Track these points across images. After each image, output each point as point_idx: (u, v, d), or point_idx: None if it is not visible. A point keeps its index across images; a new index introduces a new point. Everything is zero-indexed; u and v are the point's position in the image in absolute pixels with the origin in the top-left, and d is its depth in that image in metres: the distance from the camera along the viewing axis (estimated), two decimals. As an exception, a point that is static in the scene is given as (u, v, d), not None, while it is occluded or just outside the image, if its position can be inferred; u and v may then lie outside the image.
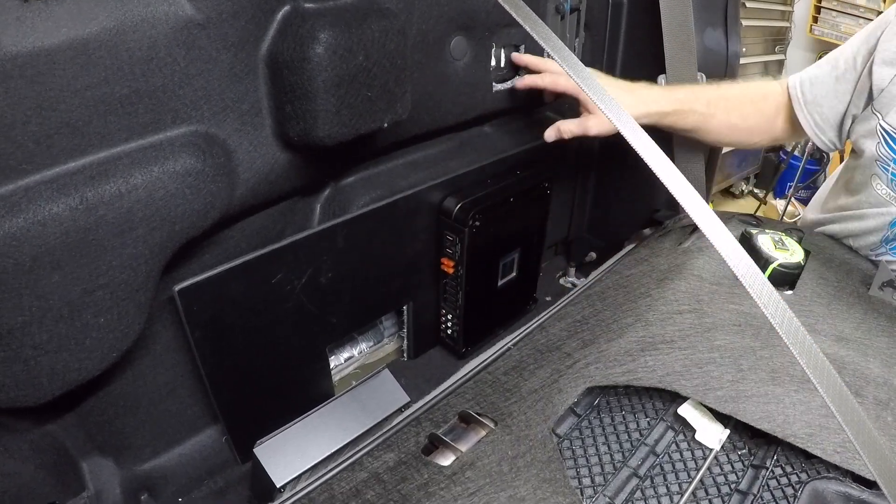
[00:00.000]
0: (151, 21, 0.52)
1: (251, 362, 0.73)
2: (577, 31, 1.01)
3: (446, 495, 0.53)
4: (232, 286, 0.66)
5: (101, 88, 0.51)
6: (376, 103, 0.66)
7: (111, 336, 0.57)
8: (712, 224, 0.43)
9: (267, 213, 0.74)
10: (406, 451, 0.59)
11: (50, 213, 0.49)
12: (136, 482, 0.74)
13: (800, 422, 0.59)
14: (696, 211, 0.43)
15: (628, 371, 0.65)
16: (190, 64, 0.55)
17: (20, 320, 0.51)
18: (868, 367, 0.66)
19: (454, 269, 0.90)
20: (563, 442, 0.62)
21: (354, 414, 0.69)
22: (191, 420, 0.78)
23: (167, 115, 0.56)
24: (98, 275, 0.54)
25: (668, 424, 0.64)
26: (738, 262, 0.42)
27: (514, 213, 0.94)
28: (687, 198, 0.44)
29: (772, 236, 0.83)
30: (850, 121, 0.90)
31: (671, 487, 0.57)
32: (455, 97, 0.84)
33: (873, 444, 0.38)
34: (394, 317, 0.98)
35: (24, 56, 0.46)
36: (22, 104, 0.47)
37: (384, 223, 0.80)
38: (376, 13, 0.64)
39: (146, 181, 0.54)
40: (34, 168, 0.50)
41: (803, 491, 0.55)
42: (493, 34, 0.85)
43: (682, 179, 0.44)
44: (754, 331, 0.71)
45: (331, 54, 0.59)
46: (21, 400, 0.54)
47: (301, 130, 0.63)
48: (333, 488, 0.55)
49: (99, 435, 0.71)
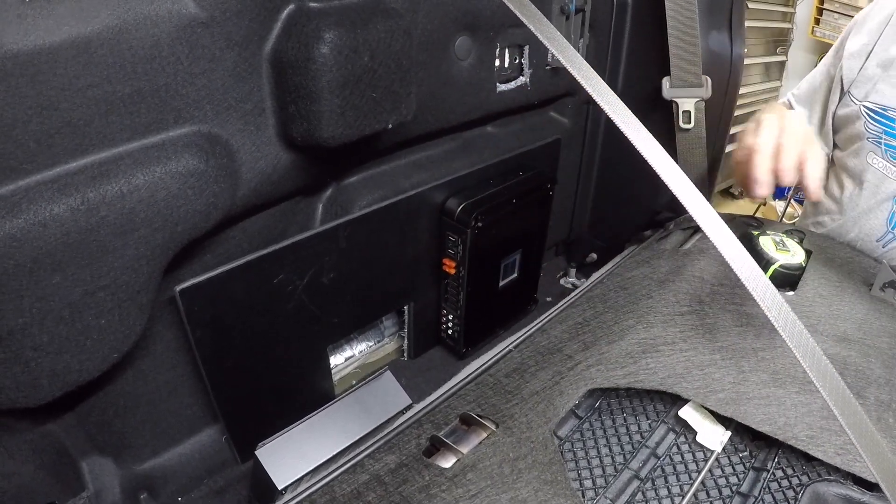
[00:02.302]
0: (154, 19, 0.51)
1: (251, 362, 0.73)
2: (582, 32, 1.00)
3: (447, 497, 0.53)
4: (233, 286, 0.66)
5: (102, 87, 0.50)
6: (381, 104, 0.66)
7: (112, 337, 0.57)
8: (715, 225, 0.43)
9: (269, 213, 0.74)
10: (407, 453, 0.59)
11: (51, 213, 0.49)
12: (135, 482, 0.74)
13: (801, 424, 0.59)
14: (699, 212, 0.43)
15: (629, 373, 0.65)
16: (193, 63, 0.55)
17: (21, 321, 0.50)
18: (870, 368, 0.66)
19: (456, 270, 0.90)
20: (565, 444, 0.62)
21: (356, 416, 0.69)
22: (191, 420, 0.78)
23: (170, 114, 0.56)
24: (99, 276, 0.54)
25: (669, 426, 0.64)
26: (741, 264, 0.41)
27: (516, 215, 0.94)
28: (690, 199, 0.43)
29: (773, 237, 0.83)
30: (831, 118, 1.04)
31: (672, 489, 0.57)
32: (459, 97, 0.84)
33: (875, 446, 0.38)
34: (394, 316, 0.98)
35: (25, 54, 0.45)
36: (23, 103, 0.47)
37: (386, 223, 0.80)
38: (382, 13, 0.64)
39: (148, 181, 0.54)
40: (35, 168, 0.49)
41: (804, 493, 0.56)
42: (497, 34, 0.84)
43: (685, 180, 0.44)
44: (756, 331, 0.71)
45: (336, 54, 0.59)
46: (21, 401, 0.54)
47: (305, 131, 0.63)
48: (335, 490, 0.55)
49: (99, 435, 0.70)
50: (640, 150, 0.44)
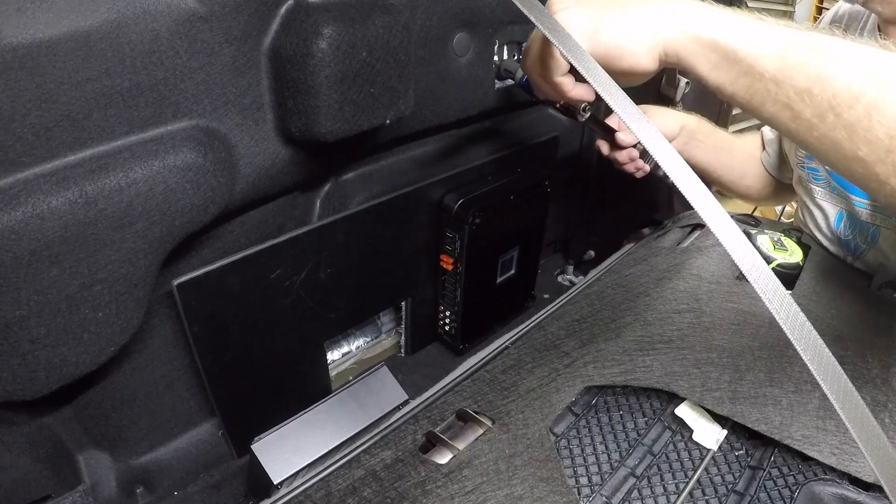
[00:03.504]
0: (153, 13, 0.51)
1: (249, 357, 0.73)
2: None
3: (443, 493, 0.53)
4: (231, 281, 0.66)
5: (101, 81, 0.50)
6: (379, 100, 0.66)
7: (109, 331, 0.57)
8: (717, 216, 0.42)
9: (266, 207, 0.74)
10: (403, 448, 0.59)
11: (49, 206, 0.49)
12: (131, 475, 0.74)
13: (797, 423, 0.59)
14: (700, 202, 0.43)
15: (626, 371, 0.66)
16: (192, 57, 0.55)
17: (18, 314, 0.50)
18: (867, 368, 0.66)
19: (453, 266, 0.90)
20: (561, 441, 0.62)
21: (352, 411, 0.69)
22: (187, 414, 0.78)
23: (168, 108, 0.56)
24: (97, 269, 0.54)
25: (665, 424, 0.64)
26: (742, 254, 0.41)
27: (514, 211, 0.94)
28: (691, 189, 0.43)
29: (770, 236, 0.83)
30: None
31: (668, 487, 0.57)
32: (457, 94, 0.84)
33: (877, 442, 0.38)
34: (392, 312, 0.98)
35: (24, 47, 0.45)
36: (22, 96, 0.46)
37: (384, 219, 0.80)
38: (380, 8, 0.64)
39: (146, 175, 0.54)
40: (33, 161, 0.49)
41: (800, 493, 0.56)
42: (496, 31, 0.84)
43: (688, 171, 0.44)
44: (753, 330, 0.71)
45: (334, 50, 0.59)
46: (18, 394, 0.54)
47: (303, 126, 0.62)
48: (330, 485, 0.55)
49: (95, 428, 0.70)
50: (642, 142, 0.44)
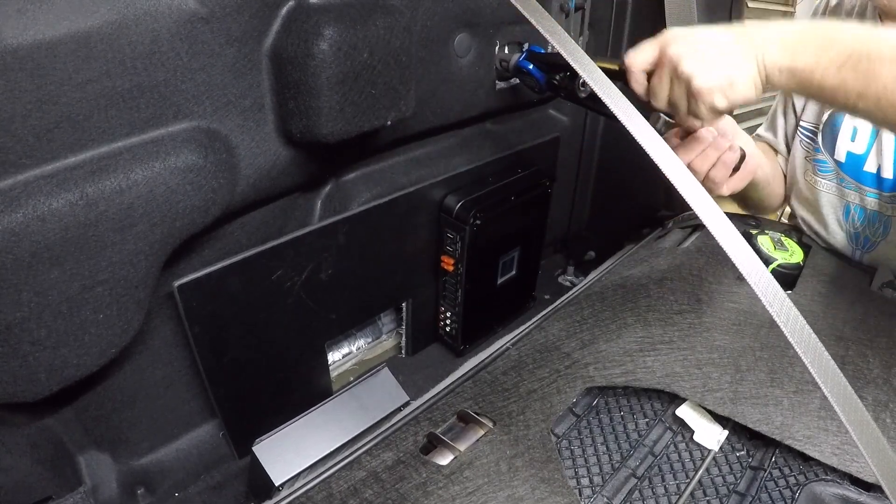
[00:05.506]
0: (154, 14, 0.51)
1: (250, 358, 0.73)
2: (582, 30, 1.01)
3: (444, 494, 0.53)
4: (231, 282, 0.66)
5: (102, 82, 0.50)
6: (380, 101, 0.66)
7: (110, 332, 0.57)
8: (717, 219, 0.43)
9: (267, 208, 0.73)
10: (404, 450, 0.59)
11: (49, 208, 0.49)
12: (132, 477, 0.74)
13: (798, 424, 0.59)
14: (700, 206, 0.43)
15: (627, 372, 0.65)
16: (192, 58, 0.55)
17: (19, 316, 0.50)
18: (868, 368, 0.66)
19: (454, 267, 0.90)
20: (562, 442, 0.62)
21: (353, 412, 0.69)
22: (188, 415, 0.78)
23: (169, 109, 0.56)
24: (97, 271, 0.54)
25: (666, 425, 0.64)
26: (743, 258, 0.41)
27: (514, 212, 0.94)
28: (691, 193, 0.43)
29: (771, 237, 0.83)
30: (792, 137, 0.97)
31: (669, 488, 0.57)
32: (458, 95, 0.84)
33: (875, 442, 0.38)
34: (392, 313, 0.98)
35: (24, 49, 0.45)
36: (22, 97, 0.47)
37: (385, 220, 0.80)
38: (381, 10, 0.64)
39: (147, 177, 0.54)
40: (34, 162, 0.49)
41: (801, 493, 0.56)
42: (497, 32, 0.84)
43: (687, 174, 0.44)
44: (754, 330, 0.71)
45: (335, 51, 0.59)
46: (19, 395, 0.54)
47: (304, 127, 0.62)
48: (332, 487, 0.55)
49: (96, 430, 0.70)
50: (642, 145, 0.44)
